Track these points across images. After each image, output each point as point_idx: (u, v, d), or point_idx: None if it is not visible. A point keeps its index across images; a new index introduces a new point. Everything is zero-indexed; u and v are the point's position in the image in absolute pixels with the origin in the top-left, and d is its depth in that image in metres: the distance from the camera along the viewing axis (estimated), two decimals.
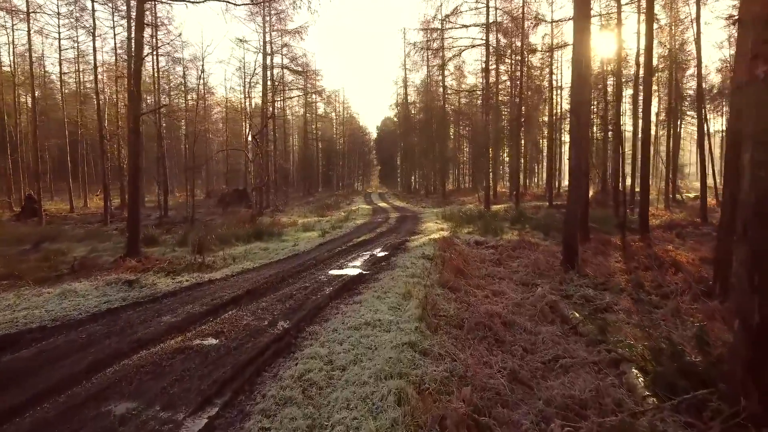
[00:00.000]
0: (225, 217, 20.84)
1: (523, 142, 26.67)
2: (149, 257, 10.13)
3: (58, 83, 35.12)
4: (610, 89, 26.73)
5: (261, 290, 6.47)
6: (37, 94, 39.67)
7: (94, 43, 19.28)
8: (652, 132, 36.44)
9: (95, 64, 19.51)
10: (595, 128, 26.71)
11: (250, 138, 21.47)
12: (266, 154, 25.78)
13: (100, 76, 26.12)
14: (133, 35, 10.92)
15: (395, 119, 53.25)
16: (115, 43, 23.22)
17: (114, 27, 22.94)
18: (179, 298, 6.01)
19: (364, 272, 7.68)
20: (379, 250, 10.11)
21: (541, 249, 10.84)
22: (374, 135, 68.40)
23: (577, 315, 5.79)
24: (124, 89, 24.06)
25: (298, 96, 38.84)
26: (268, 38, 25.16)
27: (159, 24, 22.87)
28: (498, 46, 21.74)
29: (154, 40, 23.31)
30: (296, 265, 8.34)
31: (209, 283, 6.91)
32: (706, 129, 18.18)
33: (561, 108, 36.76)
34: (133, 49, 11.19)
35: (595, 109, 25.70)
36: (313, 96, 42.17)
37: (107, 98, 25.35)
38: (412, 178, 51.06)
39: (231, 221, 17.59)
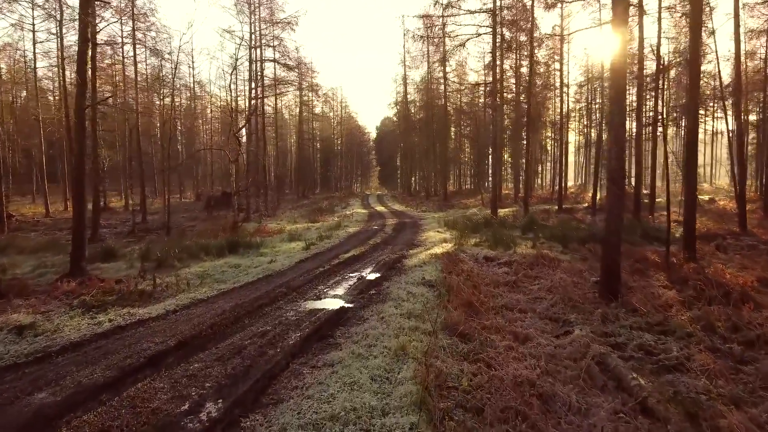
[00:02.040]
0: (207, 222, 19.14)
1: (529, 141, 24.88)
2: (93, 278, 8.40)
3: (48, 80, 33.56)
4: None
5: (201, 339, 4.73)
6: (23, 92, 38.11)
7: (60, 31, 17.55)
8: (659, 132, 34.90)
9: (62, 54, 17.78)
10: (603, 125, 25.12)
11: (239, 137, 19.70)
12: (253, 154, 24.04)
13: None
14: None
15: (395, 119, 51.47)
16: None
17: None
18: (81, 355, 4.28)
19: (346, 306, 5.95)
20: (369, 270, 8.36)
21: (563, 267, 9.12)
22: (374, 135, 66.64)
23: (643, 382, 4.05)
24: (102, 83, 22.42)
25: (293, 92, 37.09)
26: (255, 29, 23.43)
27: (138, 14, 21.24)
28: (503, 36, 19.96)
29: (133, 31, 21.73)
30: (263, 294, 6.61)
31: (137, 325, 5.17)
32: (723, 128, 16.51)
33: (568, 106, 34.98)
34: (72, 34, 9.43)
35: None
36: (309, 94, 40.50)
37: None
38: (413, 179, 49.26)
39: (210, 228, 15.89)
